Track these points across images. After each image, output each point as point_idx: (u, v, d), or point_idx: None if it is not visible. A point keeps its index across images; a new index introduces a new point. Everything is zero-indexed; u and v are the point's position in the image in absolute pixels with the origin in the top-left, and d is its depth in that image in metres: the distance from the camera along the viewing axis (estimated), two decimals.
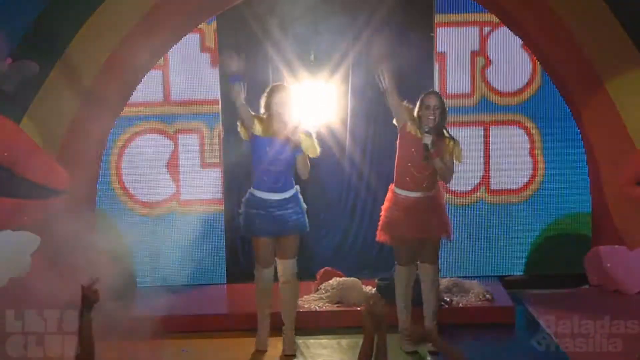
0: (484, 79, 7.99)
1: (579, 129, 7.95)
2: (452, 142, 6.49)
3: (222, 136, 7.91)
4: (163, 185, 8.00)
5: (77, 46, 7.30)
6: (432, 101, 6.42)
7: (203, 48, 7.90)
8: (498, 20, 7.86)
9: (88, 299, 4.44)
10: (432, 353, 6.53)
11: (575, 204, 8.09)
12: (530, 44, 7.87)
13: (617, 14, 7.42)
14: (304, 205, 6.62)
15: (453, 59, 7.97)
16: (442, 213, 6.61)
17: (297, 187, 6.61)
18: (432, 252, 6.60)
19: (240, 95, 6.38)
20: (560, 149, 8.05)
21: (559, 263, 8.07)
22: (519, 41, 7.93)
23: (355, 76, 8.02)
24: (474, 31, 7.93)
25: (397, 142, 6.54)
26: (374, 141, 7.65)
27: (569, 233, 8.10)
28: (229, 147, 7.86)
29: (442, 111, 6.45)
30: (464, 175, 8.00)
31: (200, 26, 7.82)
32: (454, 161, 6.50)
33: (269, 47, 7.85)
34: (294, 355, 6.61)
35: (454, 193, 7.98)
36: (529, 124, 8.02)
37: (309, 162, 6.55)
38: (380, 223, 6.64)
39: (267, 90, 6.55)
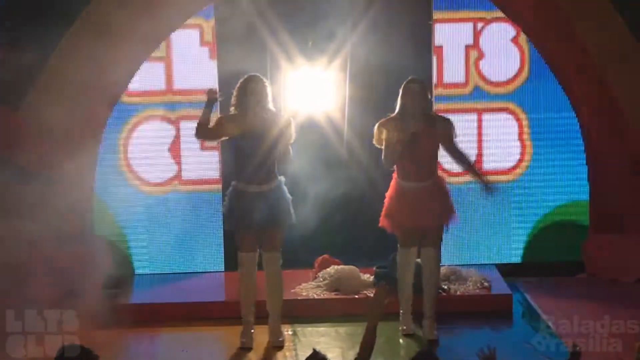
0: (478, 70, 8.05)
1: (577, 117, 7.95)
2: (443, 123, 6.52)
3: None
4: (166, 166, 8.06)
5: (75, 34, 7.30)
6: (415, 88, 6.46)
7: (202, 42, 8.00)
8: (490, 17, 7.98)
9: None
10: (432, 342, 6.54)
11: (573, 192, 8.09)
12: (529, 35, 7.87)
13: (616, 3, 7.41)
14: (289, 197, 6.56)
15: (449, 52, 8.04)
16: (445, 200, 6.62)
17: (282, 178, 6.56)
18: (434, 236, 6.61)
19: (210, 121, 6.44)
20: (550, 133, 8.07)
21: (557, 251, 8.07)
22: (509, 36, 8.03)
23: (354, 63, 8.00)
24: (469, 27, 8.04)
25: None
26: (372, 129, 7.59)
27: (567, 221, 8.10)
28: None
29: (424, 97, 6.49)
30: None
31: (199, 22, 7.96)
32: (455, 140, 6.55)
33: (266, 35, 7.83)
34: (281, 347, 6.57)
35: (448, 172, 8.00)
36: (518, 111, 8.08)
37: (290, 149, 6.50)
38: (383, 210, 6.65)
39: (240, 81, 6.49)
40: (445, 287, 7.34)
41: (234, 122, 6.44)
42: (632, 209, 7.74)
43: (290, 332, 6.87)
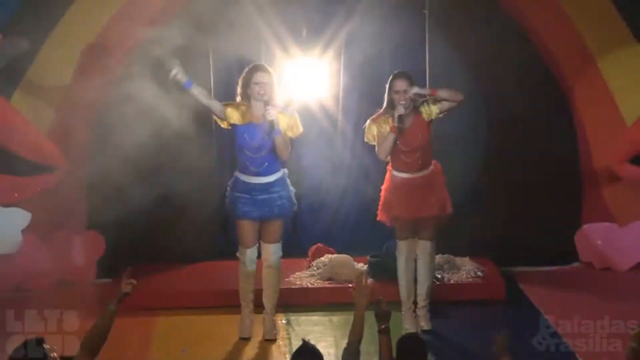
0: None
1: (570, 106, 7.95)
2: (427, 106, 6.46)
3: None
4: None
5: (68, 22, 7.28)
6: (401, 85, 6.42)
7: None
8: None
9: (122, 292, 4.60)
10: (425, 332, 6.55)
11: (566, 180, 8.08)
12: (523, 22, 7.85)
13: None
14: (292, 189, 6.55)
15: None
16: (440, 191, 6.60)
17: (285, 170, 6.54)
18: (429, 229, 6.61)
19: (202, 94, 6.33)
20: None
21: (550, 240, 8.06)
22: None
23: (348, 52, 7.99)
24: None
25: None
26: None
27: (559, 210, 8.09)
28: None
29: (410, 90, 6.43)
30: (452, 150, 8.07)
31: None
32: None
33: (260, 24, 7.80)
34: (274, 340, 6.56)
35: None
36: None
37: (289, 143, 6.47)
38: (380, 203, 6.65)
39: (245, 71, 6.42)
40: (439, 275, 7.35)
41: (238, 111, 6.40)
42: (623, 197, 7.76)
43: (284, 321, 6.88)
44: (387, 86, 6.50)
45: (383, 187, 6.68)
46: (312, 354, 4.22)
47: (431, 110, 6.47)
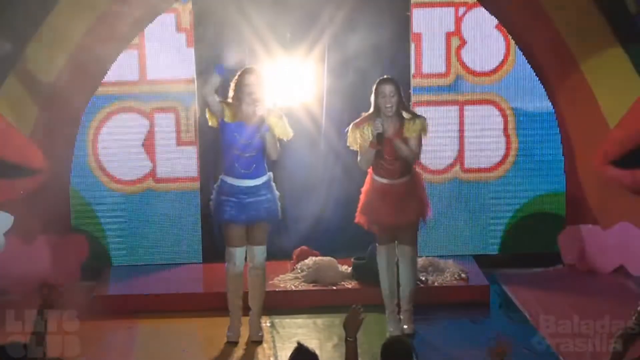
0: (459, 58, 7.98)
1: (553, 108, 7.97)
2: (412, 122, 6.46)
3: (197, 115, 7.87)
4: (139, 164, 7.95)
5: (51, 25, 7.25)
6: (387, 89, 6.41)
7: (179, 28, 7.83)
8: (473, 0, 7.87)
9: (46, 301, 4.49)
10: (409, 336, 6.55)
11: (550, 184, 8.11)
12: (506, 24, 7.86)
13: None
14: (277, 193, 6.56)
15: (429, 40, 7.94)
16: (420, 196, 6.59)
17: (270, 174, 6.56)
18: (410, 234, 6.59)
19: (214, 85, 6.35)
20: (534, 129, 8.05)
21: (534, 242, 8.09)
22: (493, 21, 7.90)
23: (332, 55, 7.99)
24: (449, 12, 7.93)
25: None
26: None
27: (544, 212, 8.12)
28: (204, 125, 7.81)
29: (399, 96, 6.44)
30: (439, 155, 8.05)
31: (175, 6, 7.78)
32: (421, 136, 6.46)
33: (244, 26, 7.79)
34: (260, 342, 6.56)
35: (429, 170, 7.99)
36: (503, 103, 8.03)
37: (278, 143, 6.49)
38: (359, 205, 6.65)
39: (237, 75, 6.47)
40: (423, 278, 7.36)
41: (230, 109, 6.43)
42: (607, 200, 7.79)
43: (268, 324, 6.87)
44: (373, 90, 6.50)
45: (363, 190, 6.66)
46: (312, 355, 4.20)
47: (408, 130, 6.47)
